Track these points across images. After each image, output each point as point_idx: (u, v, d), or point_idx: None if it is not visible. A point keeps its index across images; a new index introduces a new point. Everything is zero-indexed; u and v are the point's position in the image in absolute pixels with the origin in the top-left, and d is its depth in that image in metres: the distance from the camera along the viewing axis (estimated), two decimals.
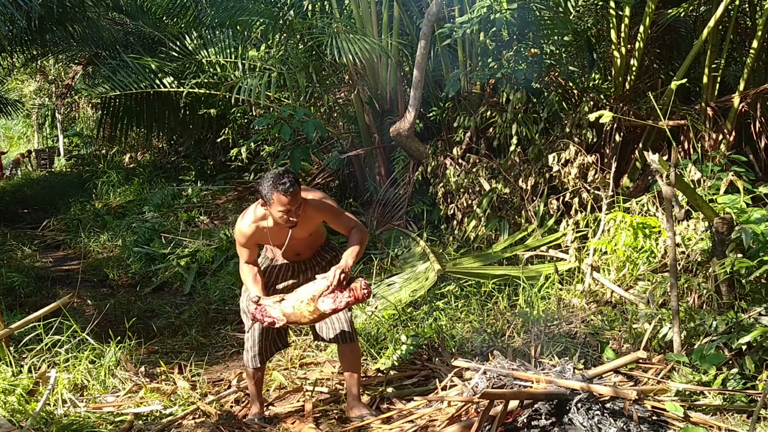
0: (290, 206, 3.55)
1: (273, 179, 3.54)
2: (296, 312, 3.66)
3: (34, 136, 29.54)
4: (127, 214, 11.45)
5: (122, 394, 4.38)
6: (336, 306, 3.63)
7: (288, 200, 3.52)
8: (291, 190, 3.51)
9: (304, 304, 3.65)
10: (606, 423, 3.41)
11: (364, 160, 9.62)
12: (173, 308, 7.00)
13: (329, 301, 3.63)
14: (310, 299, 3.64)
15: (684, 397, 3.85)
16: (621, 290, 5.26)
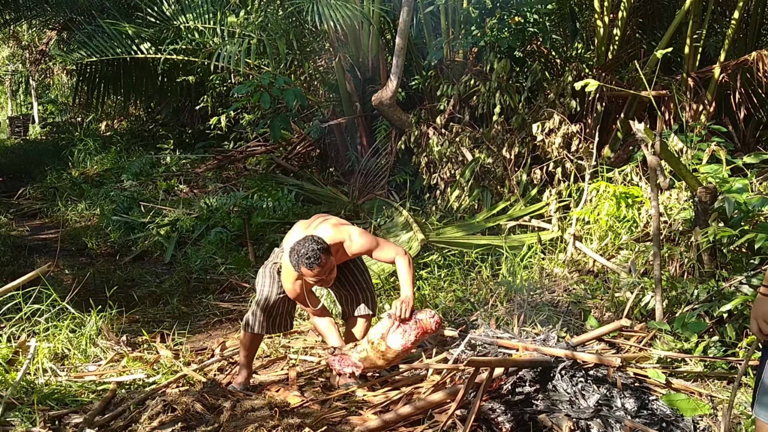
0: (320, 276, 3.63)
1: (298, 254, 3.58)
2: (369, 356, 3.67)
3: (8, 103, 28.95)
4: (104, 182, 11.28)
5: (104, 363, 4.33)
6: (405, 341, 3.59)
7: (315, 272, 3.60)
8: (316, 263, 3.57)
9: (374, 345, 3.64)
10: (589, 389, 3.44)
11: (345, 129, 9.54)
12: (154, 277, 6.94)
13: (398, 337, 3.61)
14: (380, 339, 3.63)
15: (665, 364, 3.90)
16: (603, 259, 5.29)
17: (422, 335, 3.63)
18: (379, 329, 3.68)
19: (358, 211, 7.63)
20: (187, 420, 3.21)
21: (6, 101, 29.46)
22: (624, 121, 7.41)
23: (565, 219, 5.92)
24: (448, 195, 6.83)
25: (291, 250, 3.63)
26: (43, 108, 23.13)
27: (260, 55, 9.75)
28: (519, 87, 7.20)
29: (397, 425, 3.36)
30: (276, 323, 4.02)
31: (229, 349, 4.75)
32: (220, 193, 9.20)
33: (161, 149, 12.47)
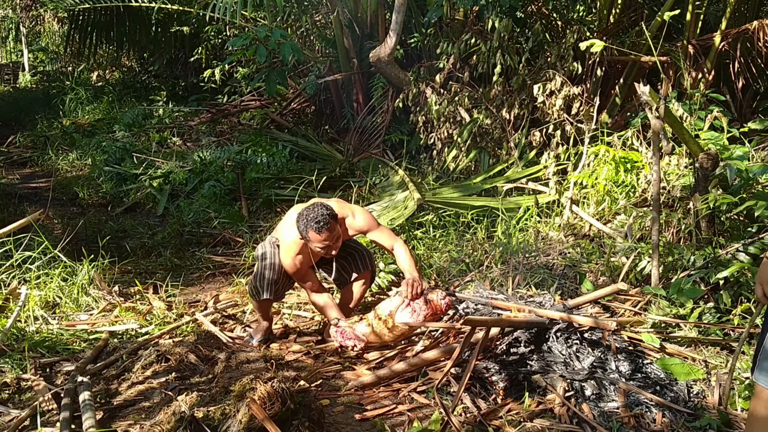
0: (327, 241, 3.60)
1: (307, 218, 3.58)
2: (376, 330, 3.64)
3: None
4: (96, 132, 11.13)
5: (96, 312, 4.30)
6: (415, 320, 3.55)
7: (324, 237, 3.58)
8: (325, 227, 3.56)
9: (382, 321, 3.61)
10: (584, 352, 3.44)
11: (341, 86, 9.41)
12: (146, 229, 6.88)
13: (406, 315, 3.56)
14: (387, 315, 3.60)
15: (660, 329, 3.90)
16: (599, 224, 5.27)
17: (432, 316, 3.60)
18: (389, 305, 3.65)
19: (354, 169, 7.56)
20: (181, 370, 3.20)
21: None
22: (623, 87, 7.35)
23: (562, 182, 5.88)
24: (445, 155, 6.77)
25: (299, 216, 3.61)
26: (33, 56, 22.73)
27: (257, 7, 9.57)
28: (519, 48, 7.09)
29: (391, 381, 3.36)
30: (280, 292, 3.99)
31: (223, 302, 4.73)
32: (214, 146, 9.10)
33: (154, 101, 12.29)
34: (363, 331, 3.67)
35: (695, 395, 3.28)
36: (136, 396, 3.07)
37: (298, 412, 2.63)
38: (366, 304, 4.54)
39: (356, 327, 3.70)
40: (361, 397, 3.25)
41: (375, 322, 3.65)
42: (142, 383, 3.14)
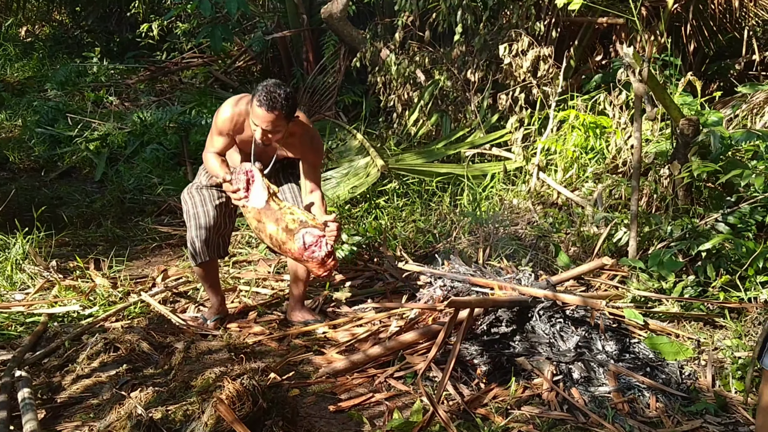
0: (266, 125, 3.06)
1: (265, 88, 3.04)
2: (278, 214, 3.08)
3: None
4: (27, 91, 10.38)
5: (32, 291, 3.89)
6: (303, 253, 3.05)
7: (265, 117, 3.04)
8: (274, 107, 3.02)
9: (291, 218, 3.08)
10: (568, 331, 3.26)
11: (290, 44, 8.97)
12: (83, 196, 6.39)
13: (305, 241, 3.05)
14: (301, 222, 3.07)
15: (639, 304, 3.75)
16: (568, 192, 5.08)
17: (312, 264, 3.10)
18: (306, 216, 3.11)
19: None
20: (132, 361, 2.87)
21: None
22: (578, 48, 7.17)
23: (527, 148, 5.67)
24: (406, 119, 6.46)
25: (259, 86, 3.07)
26: None
27: None
28: (476, 7, 6.79)
29: (365, 366, 3.10)
30: (214, 246, 3.53)
31: (172, 278, 4.38)
32: (154, 107, 8.55)
33: (87, 58, 11.55)
34: (263, 200, 3.11)
35: (687, 376, 3.13)
36: (83, 392, 2.73)
37: (270, 410, 2.35)
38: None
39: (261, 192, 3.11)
40: (334, 385, 2.98)
41: (287, 212, 3.10)
42: (88, 376, 2.80)
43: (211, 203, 3.46)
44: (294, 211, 3.12)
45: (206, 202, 3.46)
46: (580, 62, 7.28)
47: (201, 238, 3.45)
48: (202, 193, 3.48)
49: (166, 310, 3.71)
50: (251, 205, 3.11)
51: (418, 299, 3.61)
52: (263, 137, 3.12)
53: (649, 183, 4.47)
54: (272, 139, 3.14)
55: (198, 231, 3.44)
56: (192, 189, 3.51)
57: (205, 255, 3.50)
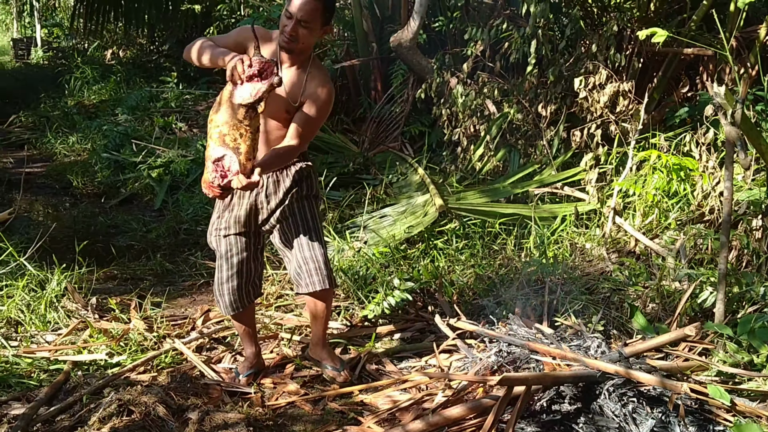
0: (296, 11, 2.78)
1: None
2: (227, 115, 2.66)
3: (13, 24, 28.00)
4: (99, 114, 10.55)
5: (64, 332, 3.70)
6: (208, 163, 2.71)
7: (302, 2, 2.77)
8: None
9: (221, 129, 2.68)
10: (642, 413, 2.81)
11: (359, 72, 8.78)
12: (140, 225, 6.28)
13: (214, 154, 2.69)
14: (232, 137, 2.66)
15: (726, 378, 3.25)
16: (646, 239, 4.61)
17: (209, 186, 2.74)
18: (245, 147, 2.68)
19: (369, 164, 6.91)
20: (146, 427, 2.59)
21: (11, 22, 28.47)
22: (662, 80, 6.67)
23: (602, 189, 5.21)
24: (471, 153, 6.10)
25: None
26: (48, 31, 22.23)
27: None
28: (553, 36, 6.40)
29: None
30: (245, 293, 3.26)
31: (213, 321, 4.13)
32: None
33: (164, 82, 11.70)
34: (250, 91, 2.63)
35: None
36: None
37: None
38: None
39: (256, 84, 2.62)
40: None
41: (241, 118, 2.65)
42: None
43: (237, 254, 3.19)
44: (245, 134, 2.67)
45: (232, 254, 3.19)
46: (664, 94, 6.79)
47: (232, 288, 3.20)
48: (229, 241, 3.20)
49: (199, 360, 3.45)
50: (233, 99, 2.65)
51: (470, 362, 3.23)
52: (292, 32, 2.81)
53: (740, 236, 3.97)
54: (300, 38, 2.83)
55: (229, 283, 3.20)
56: (214, 237, 3.25)
57: (239, 304, 3.24)
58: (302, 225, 3.18)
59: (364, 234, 5.13)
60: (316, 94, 2.96)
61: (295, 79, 2.96)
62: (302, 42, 2.87)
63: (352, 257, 4.73)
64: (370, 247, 4.85)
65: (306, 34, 2.84)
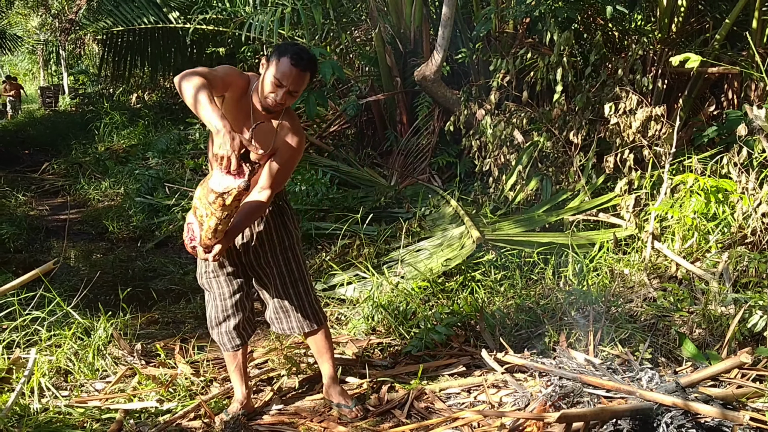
0: (287, 82, 2.84)
1: (292, 47, 2.88)
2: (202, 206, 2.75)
3: (40, 72, 28.68)
4: (130, 159, 10.73)
5: (113, 381, 3.74)
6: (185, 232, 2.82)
7: (290, 72, 2.83)
8: (302, 65, 2.84)
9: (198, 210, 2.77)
10: None
11: (384, 106, 8.86)
12: (177, 267, 6.35)
13: (187, 221, 2.86)
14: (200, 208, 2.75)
15: None
16: (688, 264, 4.55)
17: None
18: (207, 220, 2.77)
19: (400, 197, 6.93)
20: None
21: (38, 71, 29.16)
22: (687, 100, 6.66)
23: (639, 214, 5.18)
24: (503, 183, 6.10)
25: (280, 46, 2.90)
26: (74, 79, 22.74)
27: (294, 25, 9.09)
28: (577, 62, 6.43)
29: None
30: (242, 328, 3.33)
31: (257, 360, 4.14)
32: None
33: (190, 124, 11.89)
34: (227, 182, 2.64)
35: None
36: None
37: None
38: None
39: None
40: None
41: (198, 202, 2.76)
42: None
43: (231, 295, 3.26)
44: (210, 214, 2.73)
45: (226, 296, 3.26)
46: (690, 114, 6.77)
47: (230, 327, 3.30)
48: (220, 282, 3.25)
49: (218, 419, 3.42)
50: (210, 181, 2.69)
51: (521, 397, 3.20)
52: (282, 101, 2.87)
53: None
54: (287, 103, 2.91)
55: (228, 322, 3.30)
56: (205, 280, 3.30)
57: (241, 340, 3.35)
58: (286, 275, 3.25)
59: (402, 269, 5.13)
60: (287, 143, 3.03)
61: (267, 128, 3.01)
62: (288, 104, 2.96)
63: (391, 292, 4.74)
64: (409, 282, 4.85)
65: (292, 100, 2.95)
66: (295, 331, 3.34)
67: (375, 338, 4.36)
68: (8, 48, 18.61)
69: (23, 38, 22.43)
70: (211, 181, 2.68)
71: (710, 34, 6.87)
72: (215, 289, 3.27)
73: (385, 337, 4.37)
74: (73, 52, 23.18)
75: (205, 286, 3.33)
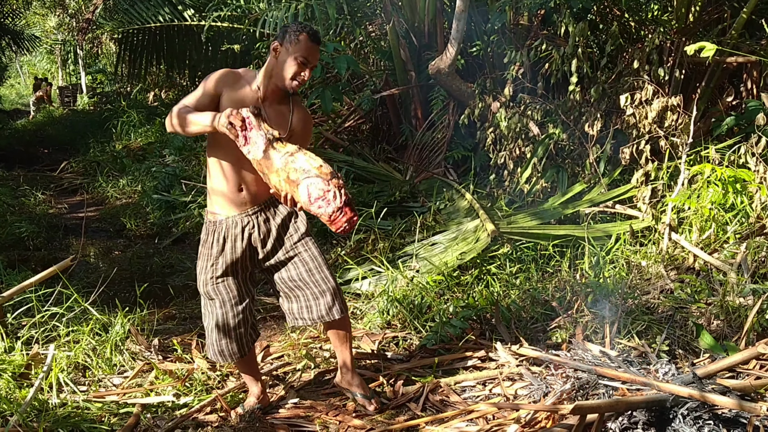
0: (312, 59, 2.89)
1: (298, 26, 2.91)
2: (280, 164, 2.67)
3: (58, 72, 28.96)
4: (147, 157, 10.81)
5: (130, 375, 3.77)
6: (310, 205, 2.66)
7: (312, 47, 2.88)
8: (318, 39, 2.92)
9: (293, 167, 2.66)
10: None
11: (398, 101, 8.84)
12: (194, 264, 6.36)
13: (312, 193, 2.65)
14: (303, 170, 2.65)
15: None
16: (705, 255, 4.51)
17: (324, 219, 2.68)
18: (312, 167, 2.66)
19: (415, 192, 6.92)
20: None
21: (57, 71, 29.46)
22: (705, 90, 6.59)
23: (656, 205, 5.13)
24: (518, 176, 6.07)
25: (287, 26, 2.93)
26: (92, 78, 22.93)
27: (308, 20, 9.09)
28: (593, 53, 6.37)
29: None
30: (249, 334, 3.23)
31: (274, 355, 4.17)
32: None
33: None
34: (262, 148, 2.68)
35: None
36: None
37: None
38: None
39: (261, 137, 2.68)
40: None
41: (288, 160, 2.67)
42: None
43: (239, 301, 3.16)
44: (296, 157, 2.68)
45: (235, 301, 3.14)
46: (709, 104, 6.70)
47: (240, 335, 3.17)
48: (229, 287, 3.14)
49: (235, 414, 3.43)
50: (251, 156, 2.71)
51: (536, 389, 3.19)
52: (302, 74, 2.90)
53: None
54: (306, 78, 2.93)
55: (237, 330, 3.16)
56: (210, 286, 3.14)
57: (248, 348, 3.25)
58: (311, 260, 3.17)
59: (417, 263, 5.13)
60: (303, 121, 3.10)
61: (280, 112, 3.04)
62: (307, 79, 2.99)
63: (406, 286, 4.74)
64: (424, 276, 4.85)
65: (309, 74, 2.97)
66: (325, 318, 3.17)
67: (390, 332, 4.36)
68: (26, 48, 18.76)
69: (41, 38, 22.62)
70: (252, 154, 2.70)
71: (728, 23, 6.79)
72: (223, 293, 3.12)
73: (401, 331, 4.38)
74: (90, 52, 23.35)
75: (210, 294, 3.15)
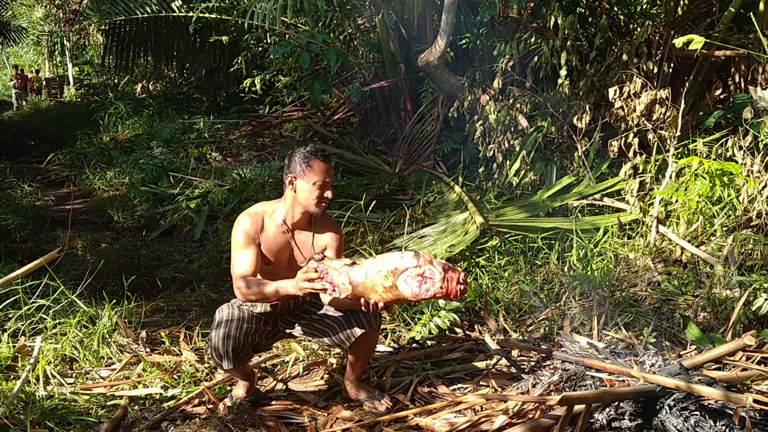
0: (330, 178, 3.02)
1: (306, 149, 3.03)
2: (369, 281, 2.72)
3: (45, 64, 28.74)
4: (134, 149, 10.74)
5: (117, 368, 3.75)
6: (419, 294, 2.66)
7: (326, 168, 3.00)
8: (329, 158, 3.03)
9: (381, 275, 2.69)
10: (705, 426, 2.75)
11: (388, 93, 8.83)
12: (182, 256, 6.36)
13: (414, 285, 2.66)
14: (390, 271, 2.68)
15: None
16: (692, 247, 4.54)
17: (442, 296, 2.68)
18: (394, 262, 2.70)
19: (404, 184, 6.92)
20: None
21: (43, 62, 29.22)
22: (693, 84, 6.62)
23: (644, 198, 5.16)
24: (507, 168, 6.08)
25: (291, 156, 3.03)
26: (79, 69, 22.77)
27: (297, 12, 9.06)
28: (582, 46, 6.38)
29: None
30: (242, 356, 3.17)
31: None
32: (255, 162, 8.58)
33: (194, 113, 11.89)
34: (353, 279, 2.74)
35: None
36: None
37: None
38: None
39: (346, 271, 2.76)
40: None
41: (373, 273, 2.71)
42: None
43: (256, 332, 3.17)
44: (380, 266, 2.71)
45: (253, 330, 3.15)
46: (697, 97, 6.73)
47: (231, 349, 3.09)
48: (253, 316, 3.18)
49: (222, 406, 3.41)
50: (343, 296, 2.77)
51: (524, 381, 3.20)
52: (326, 193, 3.02)
53: None
54: (331, 196, 3.05)
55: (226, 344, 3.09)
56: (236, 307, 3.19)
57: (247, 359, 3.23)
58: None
59: None
60: (331, 237, 3.20)
61: (305, 237, 3.17)
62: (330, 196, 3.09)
63: None
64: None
65: (331, 191, 3.08)
66: (365, 327, 3.16)
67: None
68: (13, 39, 18.59)
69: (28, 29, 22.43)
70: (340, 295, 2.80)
71: (716, 16, 6.81)
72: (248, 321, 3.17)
73: (389, 323, 4.38)
74: (77, 43, 23.17)
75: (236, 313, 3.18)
